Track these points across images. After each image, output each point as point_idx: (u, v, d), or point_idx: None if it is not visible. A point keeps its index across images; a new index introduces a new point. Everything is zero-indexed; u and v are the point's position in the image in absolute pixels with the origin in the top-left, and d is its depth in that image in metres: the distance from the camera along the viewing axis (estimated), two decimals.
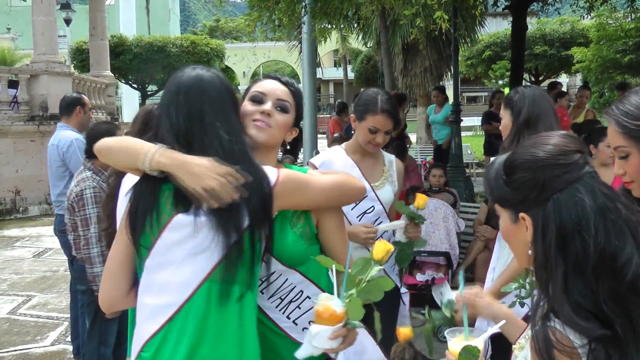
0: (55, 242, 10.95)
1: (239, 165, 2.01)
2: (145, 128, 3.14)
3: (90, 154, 4.76)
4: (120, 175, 3.03)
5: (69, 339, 6.21)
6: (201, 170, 1.98)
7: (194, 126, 2.07)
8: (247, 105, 2.39)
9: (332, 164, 3.55)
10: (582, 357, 1.46)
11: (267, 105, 2.38)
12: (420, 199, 3.51)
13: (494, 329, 1.90)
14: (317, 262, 2.21)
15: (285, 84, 2.48)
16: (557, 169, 1.58)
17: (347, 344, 2.13)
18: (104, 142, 2.16)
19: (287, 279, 2.34)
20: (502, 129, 3.56)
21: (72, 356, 5.84)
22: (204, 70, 2.18)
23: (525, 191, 1.62)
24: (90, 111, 6.54)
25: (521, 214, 1.63)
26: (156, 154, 2.01)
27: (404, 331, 2.39)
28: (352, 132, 3.71)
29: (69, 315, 6.16)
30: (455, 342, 1.86)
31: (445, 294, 2.37)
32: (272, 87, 2.45)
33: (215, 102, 2.11)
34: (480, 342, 1.82)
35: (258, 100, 2.39)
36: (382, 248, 2.13)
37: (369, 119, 3.48)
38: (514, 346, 1.78)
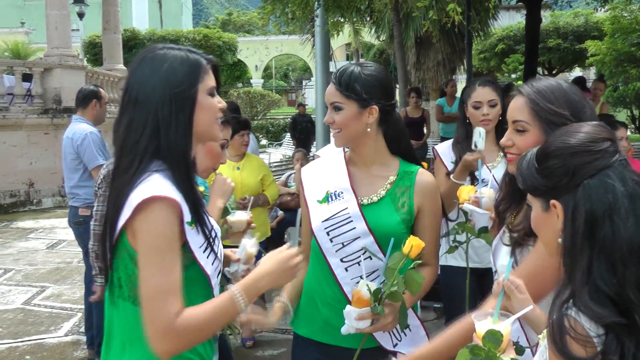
0: (68, 234, 11.04)
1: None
2: None
3: None
4: None
5: (82, 329, 6.24)
6: (275, 278, 2.05)
7: None
8: None
9: (322, 172, 2.83)
10: (597, 347, 1.46)
11: (327, 116, 2.61)
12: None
13: (520, 314, 1.89)
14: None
15: (333, 82, 2.59)
16: (588, 155, 1.60)
17: (377, 328, 2.35)
18: (194, 327, 1.90)
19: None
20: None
21: (85, 347, 5.88)
22: None
23: (557, 178, 1.63)
24: (107, 104, 6.54)
25: (552, 201, 1.65)
26: (242, 301, 1.96)
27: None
28: None
29: (82, 306, 6.21)
30: (482, 325, 1.86)
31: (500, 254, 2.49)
32: (327, 94, 2.61)
33: None
34: (504, 326, 1.82)
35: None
36: (414, 244, 2.29)
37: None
38: (539, 336, 1.78)
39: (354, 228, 2.59)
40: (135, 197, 1.84)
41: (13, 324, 6.67)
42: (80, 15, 30.29)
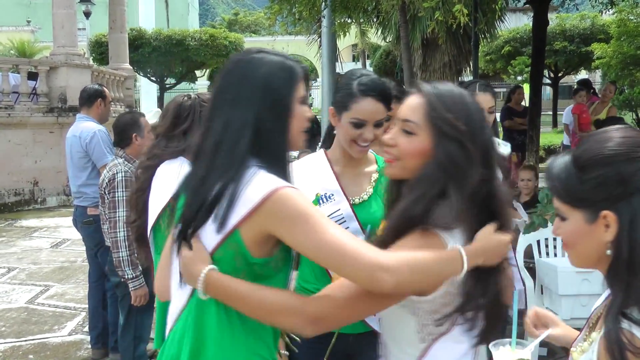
0: (72, 233, 11.02)
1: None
2: (177, 121, 3.14)
3: (118, 144, 4.79)
4: (149, 169, 3.09)
5: (86, 329, 6.24)
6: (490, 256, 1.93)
7: None
8: None
9: (307, 175, 2.75)
10: None
11: (368, 133, 2.65)
12: None
13: (540, 339, 1.86)
14: None
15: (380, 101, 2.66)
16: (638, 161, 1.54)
17: None
18: (406, 265, 1.80)
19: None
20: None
21: (89, 346, 5.87)
22: None
23: (610, 188, 1.54)
24: (110, 103, 6.53)
25: (604, 212, 1.55)
26: (465, 264, 1.85)
27: None
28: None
29: (86, 306, 6.19)
30: (501, 354, 1.84)
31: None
32: (373, 111, 2.64)
33: None
34: (528, 353, 1.80)
35: None
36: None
37: (353, 108, 2.66)
38: (572, 349, 1.73)
39: (347, 228, 2.57)
40: (256, 192, 1.83)
41: (16, 323, 6.65)
42: (87, 14, 30.38)
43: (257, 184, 1.83)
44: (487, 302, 1.91)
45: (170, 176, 2.91)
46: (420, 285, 1.84)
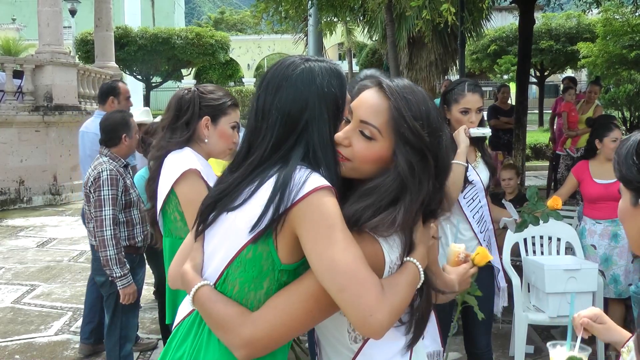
0: (58, 233, 11.02)
1: None
2: (178, 114, 3.28)
3: (106, 143, 4.76)
4: (158, 159, 3.28)
5: (73, 328, 6.21)
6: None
7: None
8: None
9: None
10: None
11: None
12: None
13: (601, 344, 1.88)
14: None
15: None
16: None
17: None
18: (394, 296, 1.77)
19: None
20: None
21: (76, 346, 5.83)
22: None
23: None
24: (128, 100, 6.36)
25: None
26: (418, 264, 1.85)
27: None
28: None
29: (72, 305, 6.18)
30: (557, 353, 1.85)
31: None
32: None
33: None
34: (585, 355, 1.81)
35: None
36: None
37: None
38: (622, 349, 1.74)
39: None
40: (299, 189, 1.76)
41: (2, 323, 6.61)
42: (72, 12, 30.24)
43: (309, 181, 1.77)
44: (419, 304, 1.89)
45: (175, 165, 3.11)
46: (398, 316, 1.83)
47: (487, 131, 3.78)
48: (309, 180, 1.77)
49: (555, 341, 1.99)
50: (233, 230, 1.85)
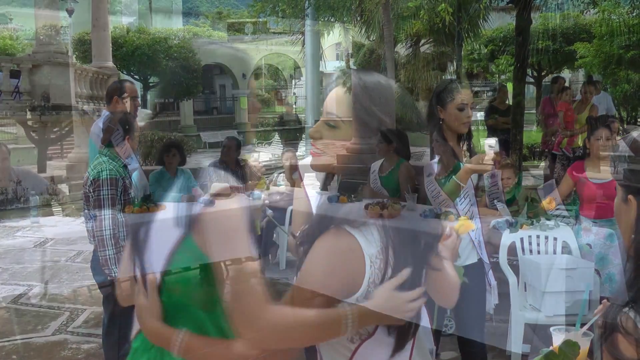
0: (56, 232, 11.00)
1: None
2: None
3: (105, 142, 4.75)
4: None
5: (70, 328, 6.21)
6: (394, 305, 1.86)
7: None
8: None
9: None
10: None
11: None
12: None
13: (589, 324, 1.87)
14: None
15: None
16: None
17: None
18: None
19: None
20: None
21: (73, 346, 5.84)
22: None
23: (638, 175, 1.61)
24: (136, 100, 6.15)
25: (630, 196, 1.62)
26: (353, 317, 1.82)
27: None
28: None
29: (70, 306, 6.17)
30: (558, 338, 1.86)
31: None
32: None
33: None
34: (585, 341, 1.81)
35: None
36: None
37: None
38: None
39: None
40: None
41: None
42: (70, 12, 30.15)
43: None
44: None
45: None
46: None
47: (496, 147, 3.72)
48: None
49: (560, 326, 1.99)
50: None
